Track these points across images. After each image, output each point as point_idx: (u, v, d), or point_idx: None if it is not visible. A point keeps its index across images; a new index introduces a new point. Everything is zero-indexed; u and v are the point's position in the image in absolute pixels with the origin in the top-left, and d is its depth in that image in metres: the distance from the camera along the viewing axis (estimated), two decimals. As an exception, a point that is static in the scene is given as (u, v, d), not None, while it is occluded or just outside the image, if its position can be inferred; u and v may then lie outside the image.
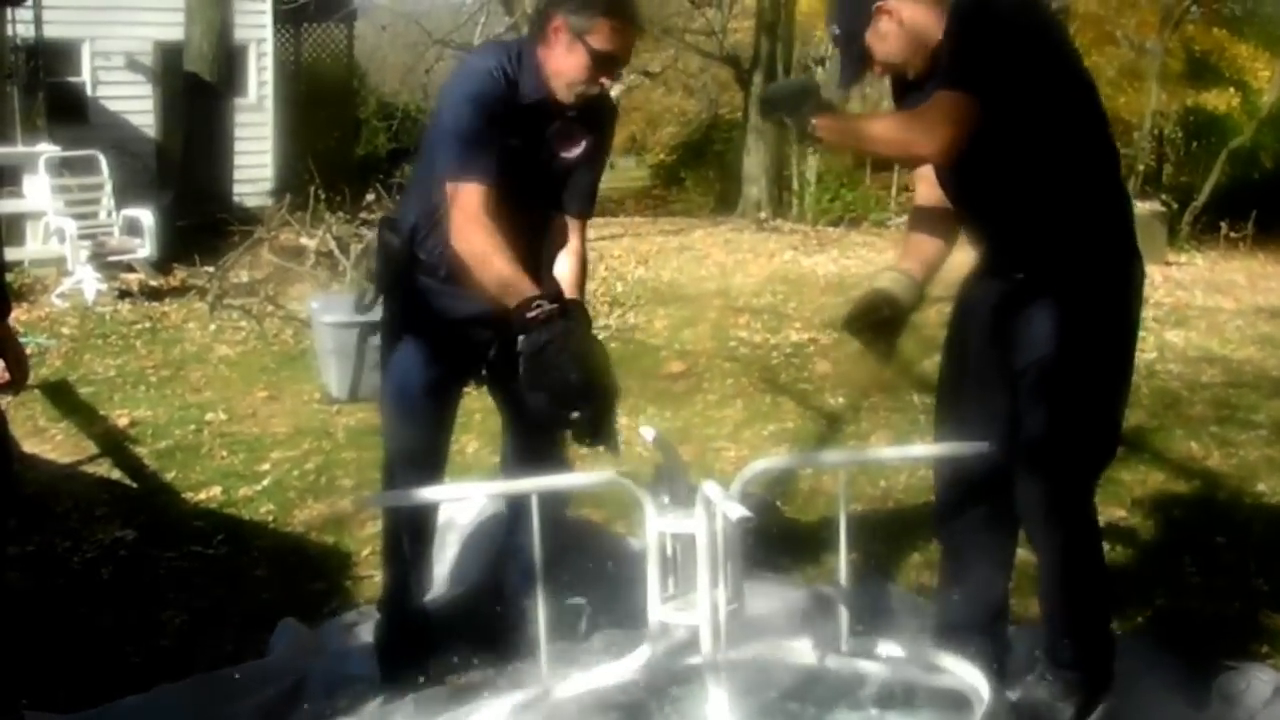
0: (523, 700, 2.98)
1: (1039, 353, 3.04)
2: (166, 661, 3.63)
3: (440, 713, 3.16)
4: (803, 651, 3.14)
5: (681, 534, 2.80)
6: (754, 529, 2.81)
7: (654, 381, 6.93)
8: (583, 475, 3.47)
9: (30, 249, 10.66)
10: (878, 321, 3.18)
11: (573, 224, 3.36)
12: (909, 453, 4.79)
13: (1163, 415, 6.16)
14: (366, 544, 4.44)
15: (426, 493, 3.15)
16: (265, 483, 5.20)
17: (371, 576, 4.14)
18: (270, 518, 4.85)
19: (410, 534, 3.44)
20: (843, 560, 3.07)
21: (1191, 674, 3.41)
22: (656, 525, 2.82)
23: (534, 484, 2.94)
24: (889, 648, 3.16)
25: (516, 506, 3.47)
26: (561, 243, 3.34)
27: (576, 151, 3.29)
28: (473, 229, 3.06)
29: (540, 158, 3.25)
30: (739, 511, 2.52)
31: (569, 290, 3.27)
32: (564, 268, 3.34)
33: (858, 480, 4.84)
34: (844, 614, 3.12)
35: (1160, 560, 4.33)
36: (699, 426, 5.94)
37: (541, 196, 3.30)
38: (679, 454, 3.06)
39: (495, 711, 2.98)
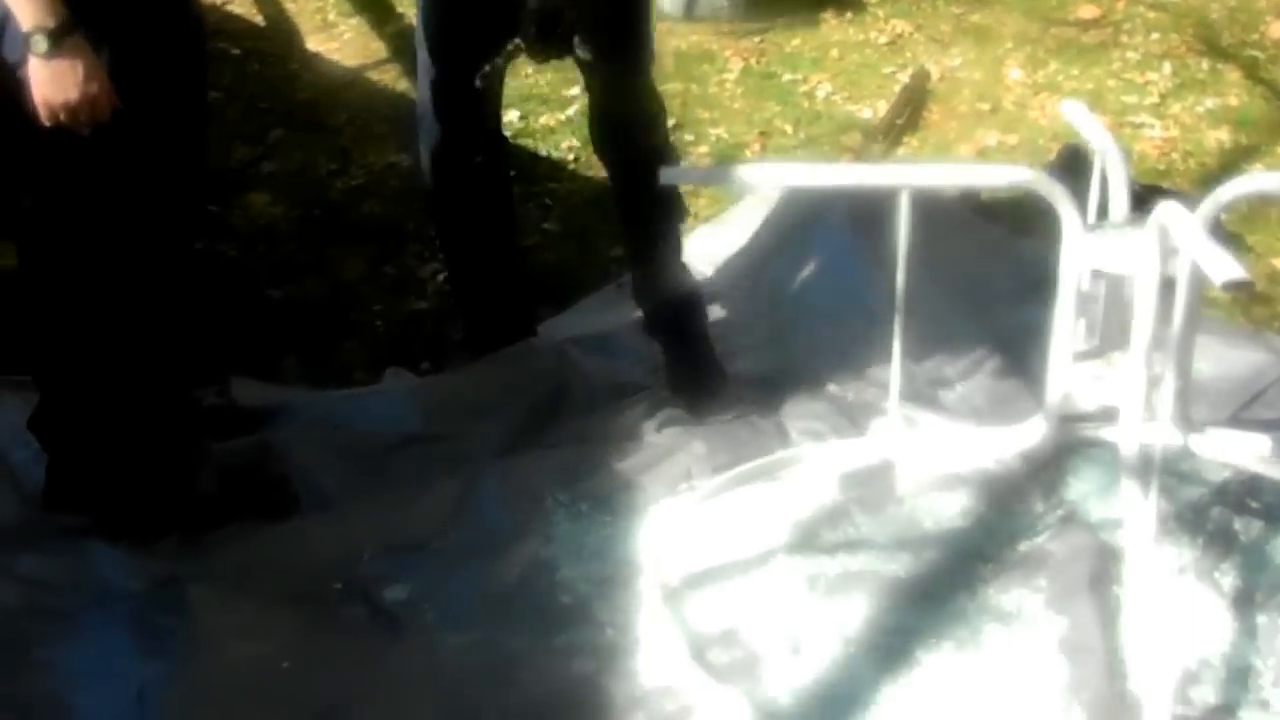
0: (862, 467, 2.41)
1: None
2: (417, 327, 3.21)
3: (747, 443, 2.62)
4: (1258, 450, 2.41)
5: (1113, 274, 2.09)
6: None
7: (1058, 28, 5.94)
8: (977, 169, 2.73)
9: None
10: None
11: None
12: None
13: None
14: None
15: (757, 172, 2.45)
16: (570, 111, 4.65)
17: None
18: (572, 156, 4.34)
19: None
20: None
21: None
22: (1080, 255, 2.09)
23: (910, 176, 2.23)
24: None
25: None
26: None
27: None
28: None
29: None
30: (1230, 273, 1.72)
31: None
32: None
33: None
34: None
35: None
36: (1114, 92, 5.02)
37: None
38: (1121, 153, 2.29)
39: (825, 465, 2.43)
